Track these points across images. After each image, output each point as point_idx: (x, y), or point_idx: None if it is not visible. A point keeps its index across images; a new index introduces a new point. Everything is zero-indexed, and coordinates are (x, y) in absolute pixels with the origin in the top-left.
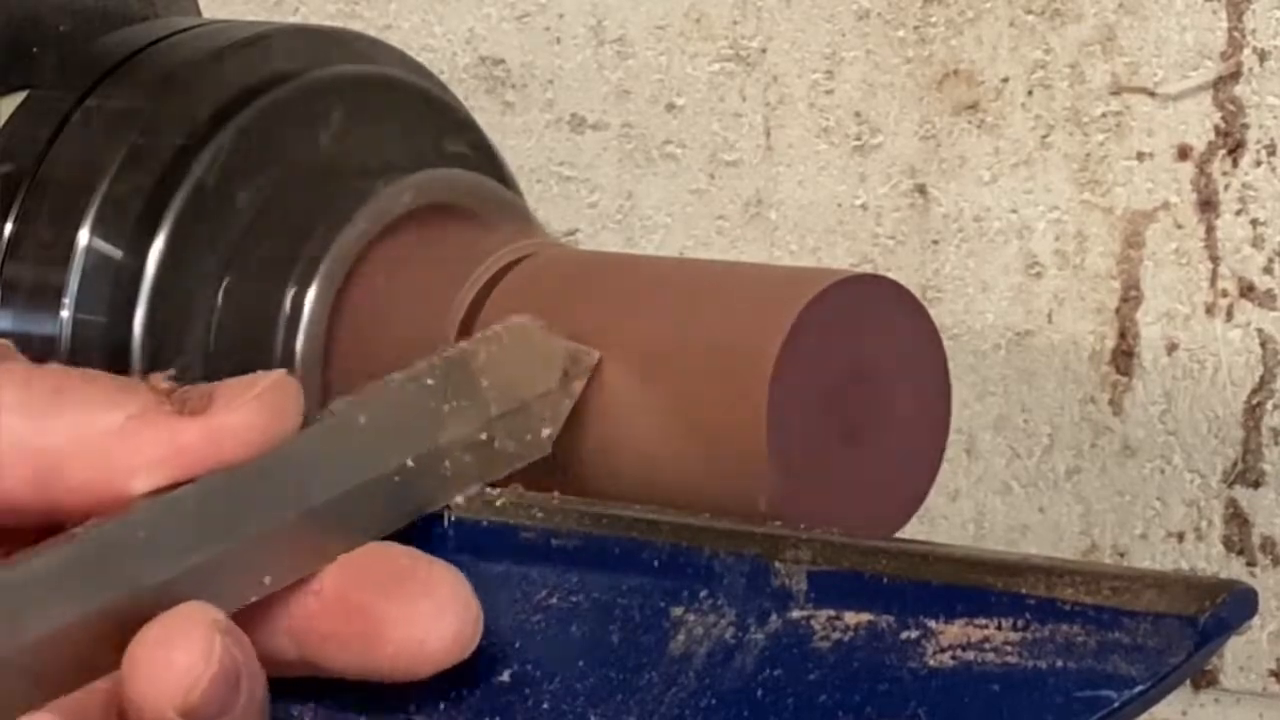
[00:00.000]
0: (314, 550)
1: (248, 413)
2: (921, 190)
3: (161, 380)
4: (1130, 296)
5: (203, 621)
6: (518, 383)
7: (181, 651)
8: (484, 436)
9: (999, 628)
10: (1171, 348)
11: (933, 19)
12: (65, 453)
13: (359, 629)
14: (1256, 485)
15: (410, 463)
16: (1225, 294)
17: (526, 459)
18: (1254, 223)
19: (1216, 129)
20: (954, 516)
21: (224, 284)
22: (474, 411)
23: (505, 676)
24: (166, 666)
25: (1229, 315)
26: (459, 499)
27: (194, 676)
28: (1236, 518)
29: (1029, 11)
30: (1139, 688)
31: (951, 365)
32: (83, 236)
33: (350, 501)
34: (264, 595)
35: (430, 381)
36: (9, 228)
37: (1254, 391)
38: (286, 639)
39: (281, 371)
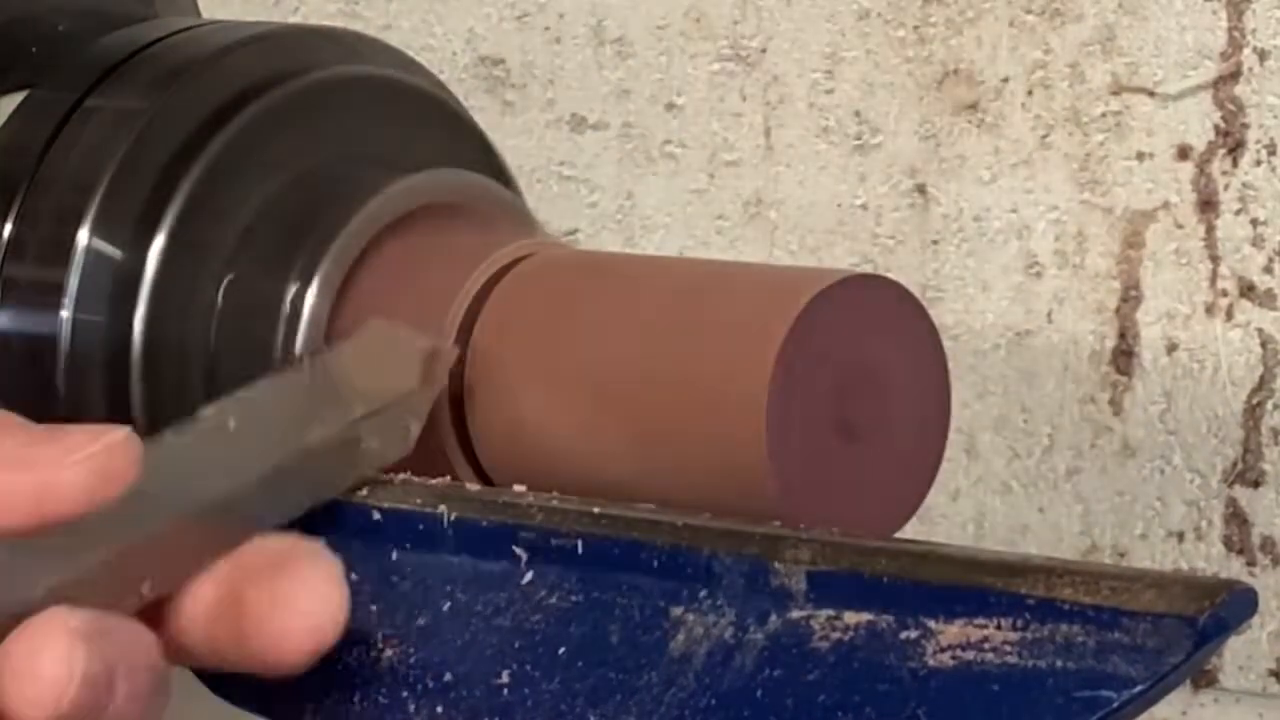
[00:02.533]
0: (190, 554)
1: (76, 474)
2: (921, 190)
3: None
4: (1130, 296)
5: (63, 631)
6: (379, 386)
7: (48, 663)
8: (348, 437)
9: (998, 628)
10: (1171, 348)
11: (933, 19)
12: None
13: (235, 611)
14: (1256, 485)
15: (278, 465)
16: (1225, 294)
17: (394, 457)
18: (1254, 222)
19: (1216, 129)
20: (954, 516)
21: (224, 283)
22: (336, 415)
23: (505, 677)
24: (34, 680)
25: (1229, 315)
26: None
27: (60, 688)
28: (1236, 518)
29: (1029, 11)
30: (1138, 688)
31: (951, 365)
32: (82, 236)
33: (222, 505)
34: (147, 602)
35: (297, 386)
36: (9, 228)
37: (1254, 391)
38: (200, 629)
39: (123, 431)
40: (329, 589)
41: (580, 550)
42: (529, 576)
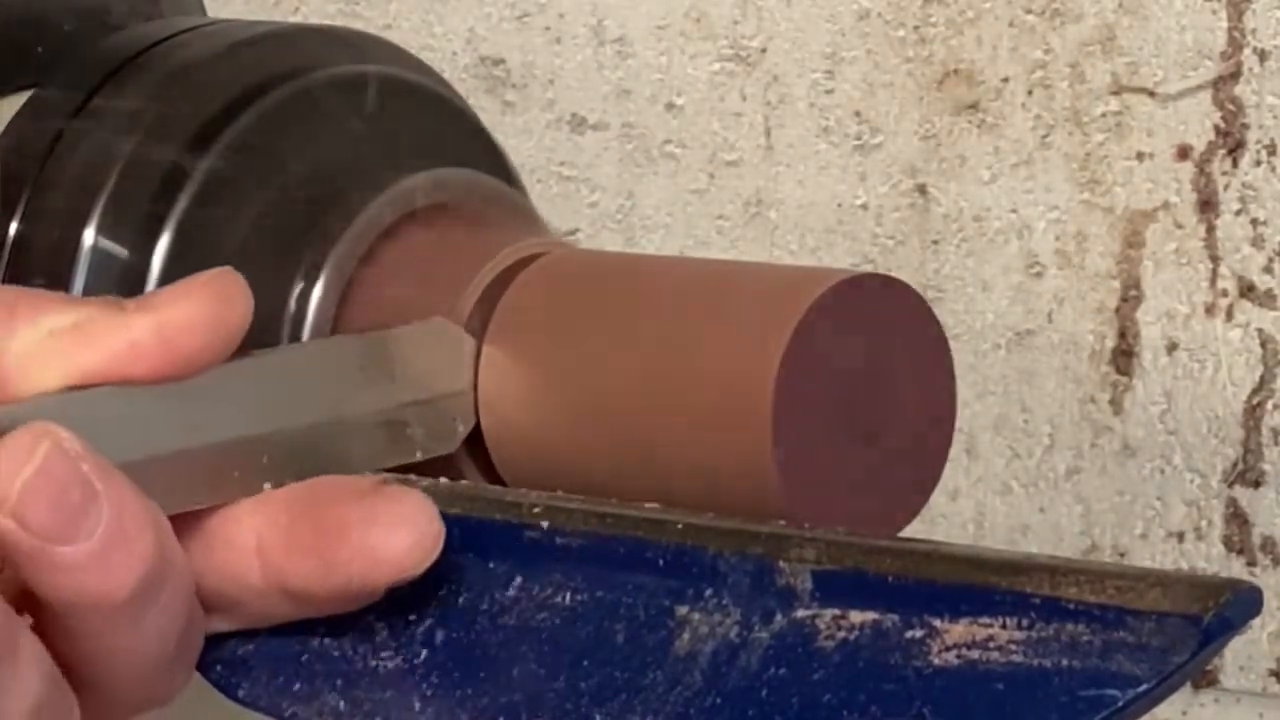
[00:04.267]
0: (209, 485)
1: (196, 302)
2: (921, 190)
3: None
4: (1130, 296)
5: (33, 431)
6: (431, 376)
7: (6, 455)
8: (395, 418)
9: (1004, 627)
10: (1171, 347)
11: (933, 19)
12: (22, 354)
13: (321, 531)
14: (1256, 485)
15: (316, 422)
16: (1225, 294)
17: (435, 451)
18: (1254, 222)
19: (1216, 129)
20: (954, 516)
21: None
22: (385, 392)
23: (510, 676)
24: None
25: (1229, 315)
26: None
27: (12, 475)
28: (1236, 518)
29: (1029, 11)
30: (1143, 686)
31: None
32: (88, 236)
33: (251, 445)
34: None
35: (348, 354)
36: (15, 227)
37: (1254, 391)
38: (254, 561)
39: (226, 267)
40: (427, 509)
41: (585, 549)
42: (534, 575)
